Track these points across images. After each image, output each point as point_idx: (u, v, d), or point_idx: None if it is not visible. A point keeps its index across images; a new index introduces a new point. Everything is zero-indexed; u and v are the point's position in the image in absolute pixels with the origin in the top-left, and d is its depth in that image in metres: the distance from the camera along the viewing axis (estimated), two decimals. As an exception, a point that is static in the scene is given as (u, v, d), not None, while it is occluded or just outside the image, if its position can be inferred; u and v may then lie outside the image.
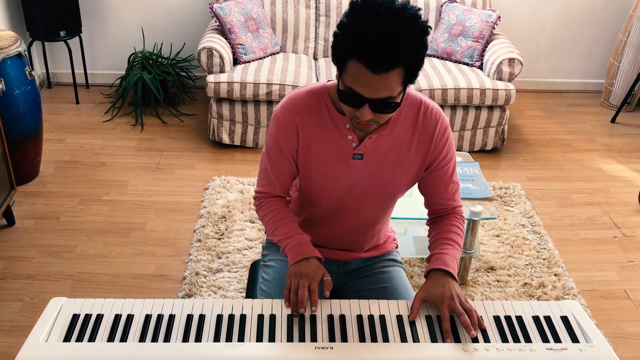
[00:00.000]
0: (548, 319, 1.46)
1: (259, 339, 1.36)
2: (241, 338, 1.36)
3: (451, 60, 3.95)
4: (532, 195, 3.44)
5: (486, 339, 1.39)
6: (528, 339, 1.40)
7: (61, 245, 2.88)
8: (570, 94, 4.79)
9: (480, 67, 3.89)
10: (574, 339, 1.40)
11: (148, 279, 2.69)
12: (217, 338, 1.36)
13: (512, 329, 1.43)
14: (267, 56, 3.90)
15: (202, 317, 1.41)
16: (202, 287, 2.60)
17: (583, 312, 1.49)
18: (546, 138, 4.11)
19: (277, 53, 3.97)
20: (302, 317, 1.43)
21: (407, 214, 2.44)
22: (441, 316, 1.43)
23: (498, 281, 2.73)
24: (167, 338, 1.36)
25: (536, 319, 1.46)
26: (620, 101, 4.45)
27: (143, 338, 1.36)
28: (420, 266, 2.80)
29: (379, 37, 1.28)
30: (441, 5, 4.09)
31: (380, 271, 1.78)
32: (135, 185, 3.39)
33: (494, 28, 3.91)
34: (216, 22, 3.88)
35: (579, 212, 3.31)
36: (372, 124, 1.46)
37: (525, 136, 4.12)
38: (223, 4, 3.80)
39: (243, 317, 1.42)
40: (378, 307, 1.47)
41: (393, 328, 1.41)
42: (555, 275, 2.78)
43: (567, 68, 4.76)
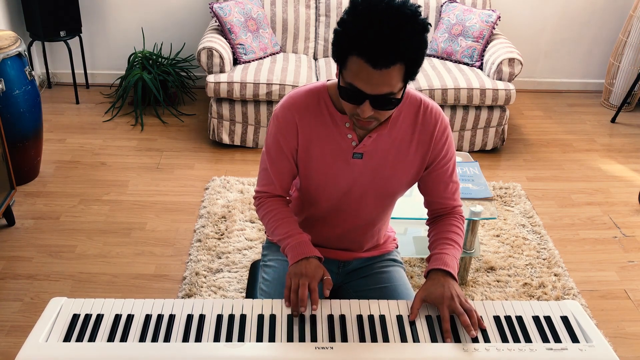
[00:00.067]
0: (548, 319, 1.46)
1: (259, 339, 1.36)
2: (241, 338, 1.36)
3: (451, 60, 3.95)
4: (532, 195, 3.44)
5: (486, 339, 1.39)
6: (528, 339, 1.40)
7: (61, 245, 2.88)
8: (570, 94, 4.79)
9: (480, 67, 3.88)
10: (574, 339, 1.40)
11: (148, 279, 2.69)
12: (217, 338, 1.36)
13: (512, 329, 1.43)
14: (267, 56, 3.90)
15: (202, 317, 1.41)
16: (202, 287, 2.60)
17: (583, 312, 1.49)
18: (546, 138, 4.11)
19: (277, 53, 3.97)
20: (302, 317, 1.43)
21: (407, 214, 2.44)
22: (441, 316, 1.43)
23: (498, 281, 2.73)
24: (167, 338, 1.36)
25: (536, 319, 1.46)
26: (620, 101, 4.45)
27: (143, 338, 1.36)
28: (420, 266, 2.80)
29: (380, 33, 1.29)
30: (441, 5, 4.09)
31: (380, 271, 1.78)
32: (135, 185, 3.39)
33: (494, 28, 3.91)
34: (216, 22, 3.88)
35: (579, 212, 3.31)
36: (373, 121, 1.46)
37: (525, 136, 4.12)
38: (223, 4, 3.80)
39: (243, 317, 1.42)
40: (378, 307, 1.47)
41: (393, 328, 1.41)
42: (555, 275, 2.78)
43: (567, 68, 4.76)
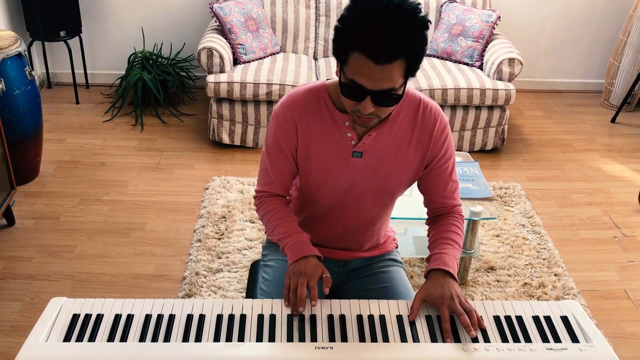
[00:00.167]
0: (548, 319, 1.46)
1: (259, 339, 1.36)
2: (241, 338, 1.36)
3: (451, 60, 3.95)
4: (532, 195, 3.44)
5: (486, 339, 1.39)
6: (528, 339, 1.40)
7: (61, 245, 2.88)
8: (570, 94, 4.79)
9: (480, 67, 3.88)
10: (574, 339, 1.40)
11: (148, 279, 2.69)
12: (217, 338, 1.36)
13: (512, 329, 1.43)
14: (267, 56, 3.90)
15: (202, 317, 1.41)
16: (202, 287, 2.60)
17: (583, 312, 1.49)
18: (546, 138, 4.11)
19: (277, 53, 3.97)
20: (302, 317, 1.43)
21: (407, 214, 2.44)
22: (441, 316, 1.43)
23: (498, 281, 2.73)
24: (167, 338, 1.36)
25: (536, 319, 1.46)
26: (620, 101, 4.45)
27: (143, 338, 1.36)
28: (420, 266, 2.80)
29: (381, 29, 1.29)
30: (441, 5, 4.09)
31: (380, 271, 1.78)
32: (135, 185, 3.39)
33: (494, 28, 3.91)
34: (216, 22, 3.88)
35: (579, 212, 3.31)
36: (373, 118, 1.46)
37: (525, 136, 4.12)
38: (223, 4, 3.80)
39: (243, 317, 1.42)
40: (378, 307, 1.47)
41: (393, 328, 1.41)
42: (555, 275, 2.78)
43: (567, 68, 4.76)
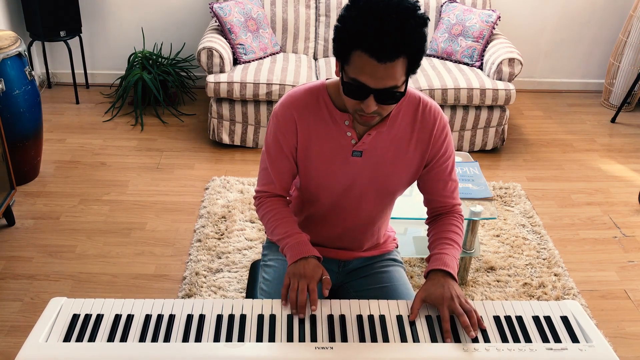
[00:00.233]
0: (548, 319, 1.46)
1: (259, 339, 1.36)
2: (241, 338, 1.36)
3: (451, 60, 3.95)
4: (532, 195, 3.44)
5: (486, 339, 1.39)
6: (528, 339, 1.40)
7: (61, 245, 2.88)
8: (570, 94, 4.79)
9: (480, 67, 3.88)
10: (574, 339, 1.40)
11: (148, 279, 2.69)
12: (217, 338, 1.36)
13: (512, 329, 1.43)
14: (267, 56, 3.90)
15: (202, 317, 1.41)
16: (202, 287, 2.60)
17: (583, 312, 1.49)
18: (546, 138, 4.11)
19: (277, 53, 3.97)
20: (302, 317, 1.43)
21: (407, 214, 2.44)
22: (441, 316, 1.43)
23: (498, 281, 2.73)
24: (167, 338, 1.36)
25: (536, 319, 1.46)
26: (620, 101, 4.45)
27: (143, 338, 1.36)
28: (420, 266, 2.80)
29: (383, 27, 1.30)
30: (441, 5, 4.09)
31: (380, 271, 1.78)
32: (135, 185, 3.39)
33: (494, 28, 3.91)
34: (216, 22, 3.88)
35: (579, 212, 3.31)
36: (376, 117, 1.46)
37: (525, 136, 4.12)
38: (223, 4, 3.80)
39: (243, 317, 1.42)
40: (378, 307, 1.47)
41: (393, 328, 1.41)
42: (555, 275, 2.78)
43: (567, 68, 4.76)
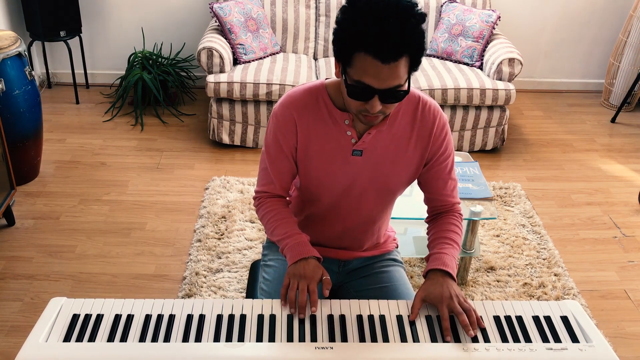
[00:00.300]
0: (548, 319, 1.46)
1: (259, 339, 1.36)
2: (241, 338, 1.36)
3: (451, 60, 3.95)
4: (532, 195, 3.44)
5: (486, 339, 1.39)
6: (528, 339, 1.40)
7: (61, 245, 2.88)
8: (570, 94, 4.79)
9: (480, 67, 3.88)
10: (574, 339, 1.40)
11: (148, 279, 2.69)
12: (217, 338, 1.36)
13: (512, 329, 1.43)
14: (267, 56, 3.90)
15: (202, 317, 1.41)
16: (202, 287, 2.60)
17: (583, 312, 1.49)
18: (546, 138, 4.11)
19: (277, 53, 3.97)
20: (302, 318, 1.43)
21: (407, 214, 2.44)
22: (440, 315, 1.43)
23: (498, 281, 2.73)
24: (167, 338, 1.36)
25: (536, 319, 1.46)
26: (620, 101, 4.45)
27: (143, 338, 1.36)
28: (420, 266, 2.80)
29: (384, 28, 1.30)
30: (441, 5, 4.09)
31: (380, 271, 1.78)
32: (135, 185, 3.39)
33: (494, 28, 3.91)
34: (216, 22, 3.88)
35: (579, 212, 3.31)
36: (380, 116, 1.47)
37: (525, 136, 4.12)
38: (223, 4, 3.80)
39: (243, 317, 1.42)
40: (378, 307, 1.47)
41: (393, 328, 1.41)
42: (555, 275, 2.78)
43: (567, 68, 4.76)
